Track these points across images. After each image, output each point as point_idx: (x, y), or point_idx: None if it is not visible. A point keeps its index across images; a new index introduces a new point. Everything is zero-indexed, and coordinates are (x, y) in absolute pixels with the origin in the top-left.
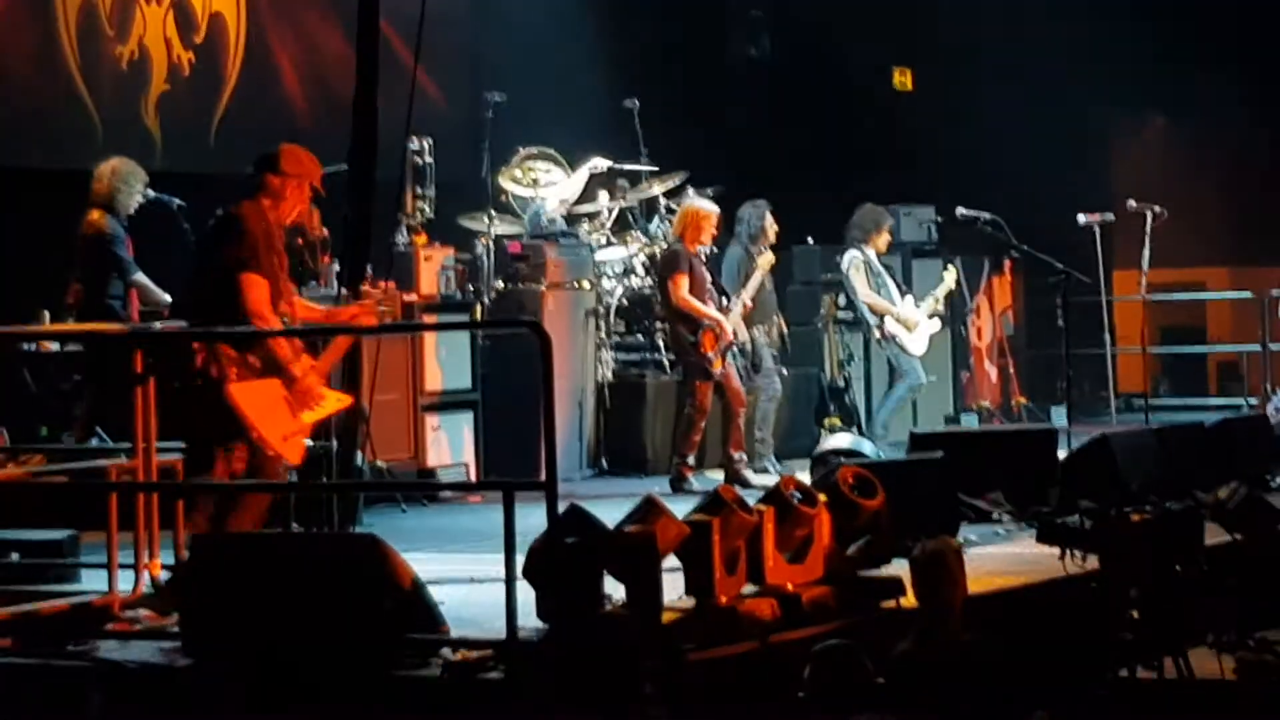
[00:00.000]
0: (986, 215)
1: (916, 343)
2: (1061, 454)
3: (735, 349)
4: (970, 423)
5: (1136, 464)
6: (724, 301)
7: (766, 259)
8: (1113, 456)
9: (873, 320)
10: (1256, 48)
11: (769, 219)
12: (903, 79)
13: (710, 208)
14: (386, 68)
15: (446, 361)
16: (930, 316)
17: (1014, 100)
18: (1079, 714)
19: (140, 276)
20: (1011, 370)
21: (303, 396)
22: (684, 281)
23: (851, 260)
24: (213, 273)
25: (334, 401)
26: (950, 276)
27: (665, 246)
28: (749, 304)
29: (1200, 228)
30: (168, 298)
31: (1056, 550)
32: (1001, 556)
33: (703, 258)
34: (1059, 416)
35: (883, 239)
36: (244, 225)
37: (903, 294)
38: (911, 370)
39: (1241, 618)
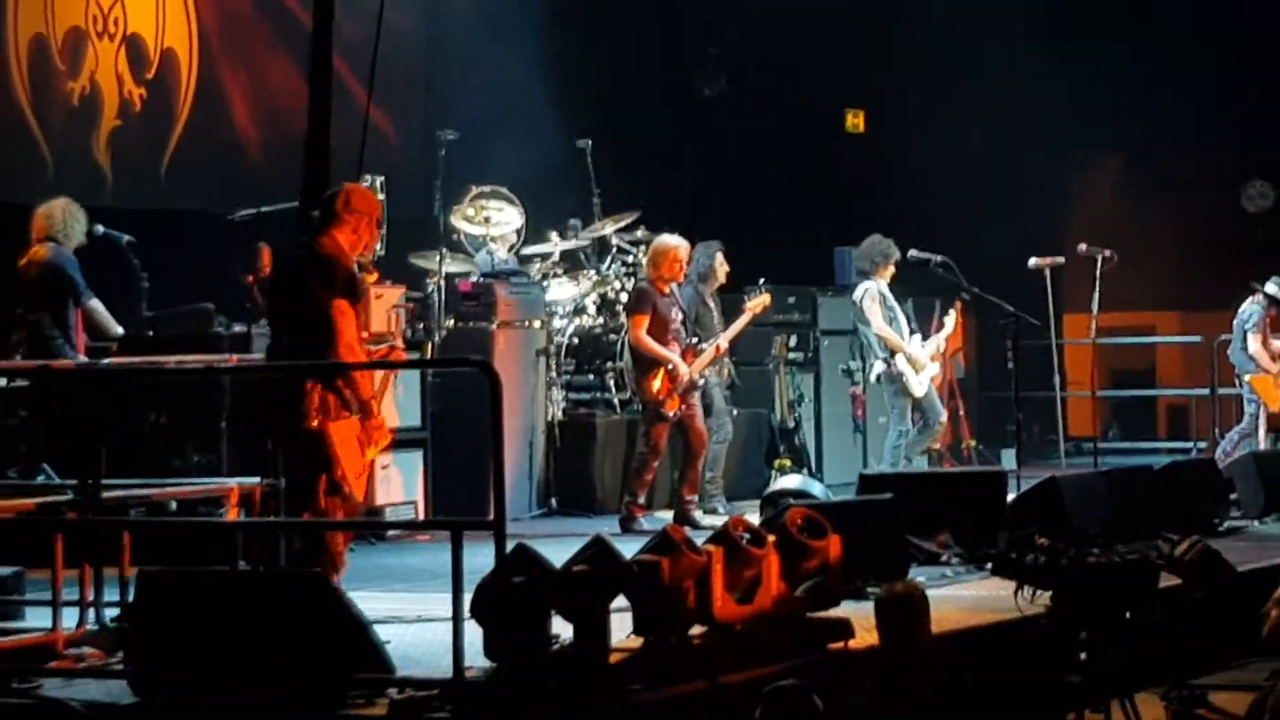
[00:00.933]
0: (938, 257)
1: (920, 384)
2: (1010, 496)
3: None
4: (920, 465)
5: (1085, 507)
6: (693, 341)
7: (759, 301)
8: (1061, 499)
9: (881, 354)
10: (1211, 95)
11: (719, 259)
12: (855, 120)
13: (676, 243)
14: (339, 104)
15: (399, 399)
16: (931, 359)
17: (966, 143)
18: None
19: (95, 302)
20: (961, 413)
21: (373, 433)
22: (643, 321)
23: (867, 290)
24: (310, 310)
25: (388, 436)
26: (952, 319)
27: (617, 285)
28: (724, 346)
29: (1151, 272)
30: (120, 329)
31: (1005, 593)
32: (950, 598)
33: (675, 295)
34: (1008, 459)
35: (889, 271)
36: (335, 260)
37: (911, 332)
38: (902, 415)
39: (1185, 663)
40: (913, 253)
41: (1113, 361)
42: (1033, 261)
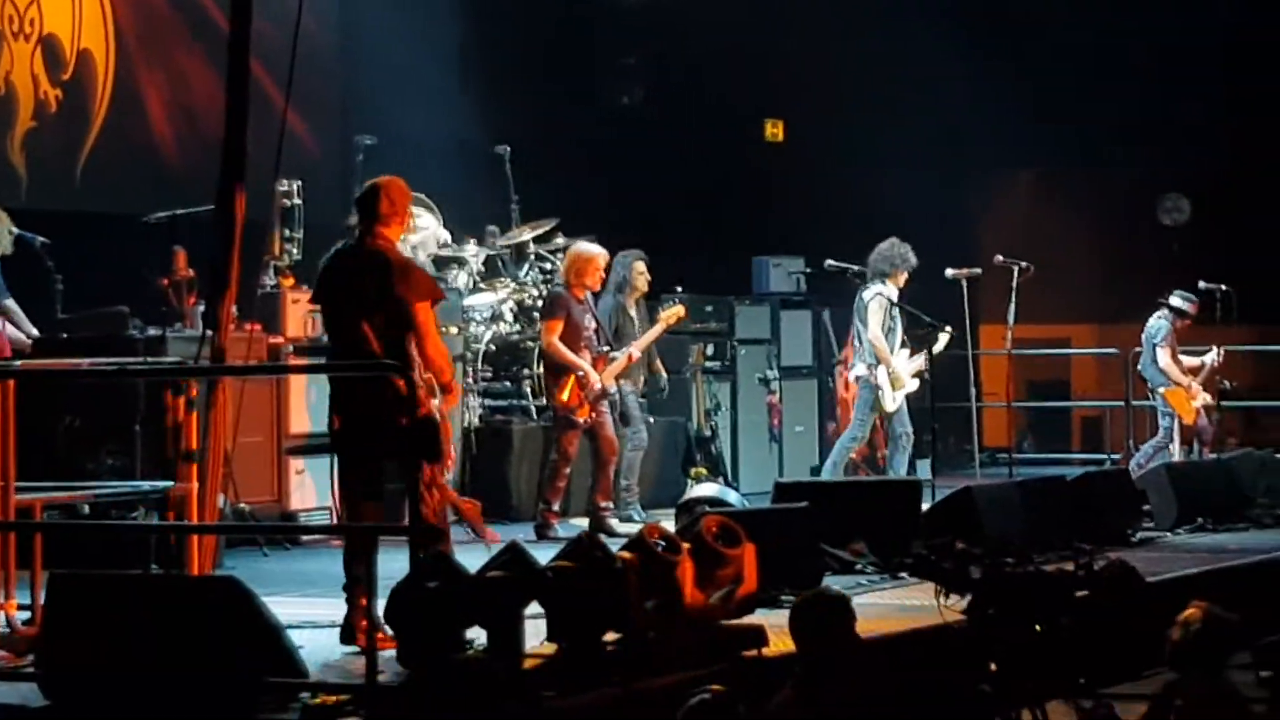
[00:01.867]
0: (855, 267)
1: (893, 400)
2: (925, 506)
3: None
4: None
5: (999, 517)
6: (605, 349)
7: (673, 312)
8: (976, 509)
9: (868, 359)
10: (1128, 110)
11: (637, 269)
12: (774, 130)
13: (594, 250)
14: (256, 108)
15: (311, 404)
16: (914, 375)
17: (885, 153)
18: None
19: (10, 302)
20: (877, 422)
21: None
22: (556, 327)
23: (876, 295)
24: (390, 310)
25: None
26: (944, 338)
27: (535, 292)
28: (635, 355)
29: (1067, 285)
30: (35, 331)
31: (918, 601)
32: (865, 607)
33: (589, 303)
34: (924, 469)
35: (903, 277)
36: (408, 262)
37: (903, 344)
38: (864, 423)
39: (1097, 673)
40: (830, 262)
41: (1028, 373)
42: (950, 272)
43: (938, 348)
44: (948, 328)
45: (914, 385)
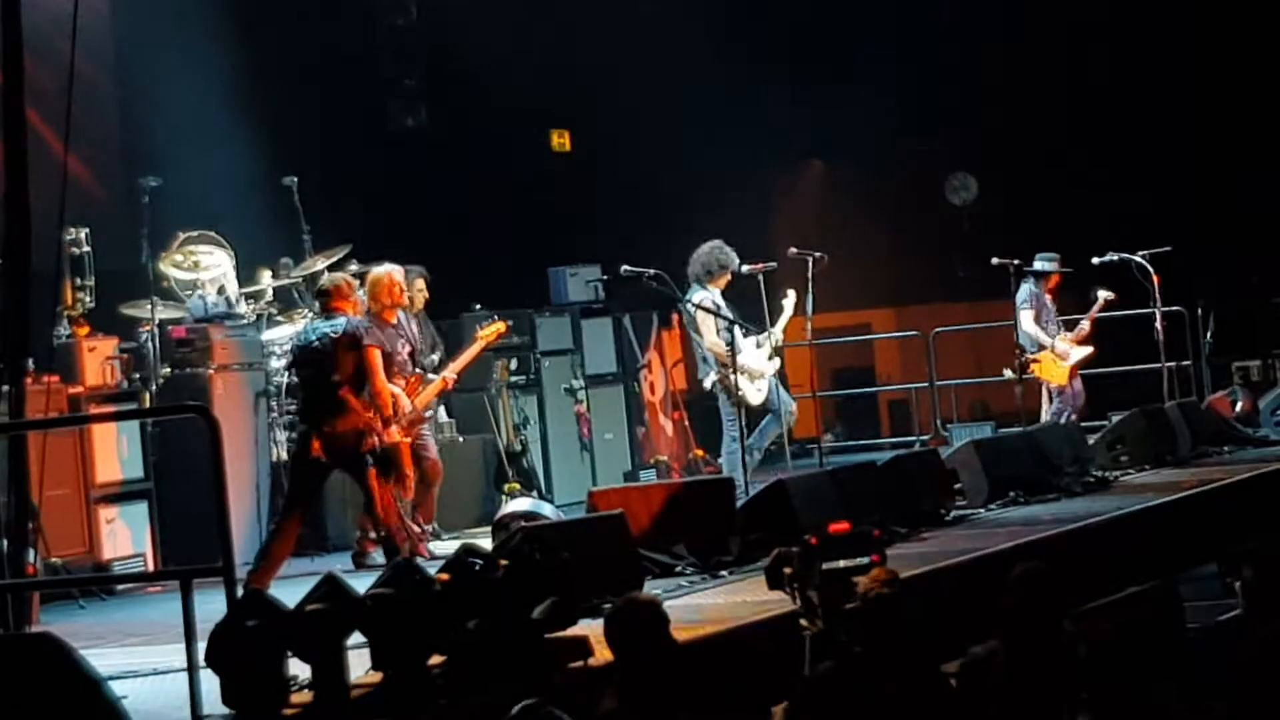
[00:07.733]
0: (650, 271)
1: (757, 394)
2: (740, 502)
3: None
4: (649, 478)
5: (813, 507)
6: (420, 372)
7: (493, 330)
8: (789, 501)
9: (715, 367)
10: (907, 92)
11: (415, 286)
12: (561, 140)
13: (385, 270)
14: (36, 157)
15: (117, 452)
16: (770, 358)
17: (672, 155)
18: None
19: None
20: (686, 423)
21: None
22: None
23: (702, 302)
24: (353, 361)
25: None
26: (789, 304)
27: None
28: (451, 379)
29: (862, 270)
30: None
31: (741, 599)
32: (687, 608)
33: (403, 325)
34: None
35: (724, 279)
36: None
37: (746, 334)
38: (735, 424)
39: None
40: (625, 268)
41: (831, 362)
42: (745, 268)
43: (783, 320)
44: (791, 293)
45: (774, 365)
